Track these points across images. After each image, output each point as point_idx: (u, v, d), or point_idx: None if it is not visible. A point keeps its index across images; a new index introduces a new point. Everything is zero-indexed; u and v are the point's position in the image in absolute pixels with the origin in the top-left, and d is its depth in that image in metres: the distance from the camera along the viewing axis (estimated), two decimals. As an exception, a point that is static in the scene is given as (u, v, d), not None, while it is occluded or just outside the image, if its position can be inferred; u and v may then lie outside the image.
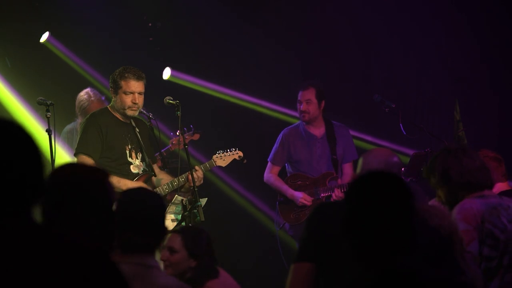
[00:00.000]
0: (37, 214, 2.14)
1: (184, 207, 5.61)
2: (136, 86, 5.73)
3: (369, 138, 8.01)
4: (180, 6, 8.51)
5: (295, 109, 7.14)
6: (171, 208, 5.79)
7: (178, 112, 5.80)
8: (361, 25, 8.35)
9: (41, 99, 5.96)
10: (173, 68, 7.82)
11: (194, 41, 8.55)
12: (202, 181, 5.88)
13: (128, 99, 5.71)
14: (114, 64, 8.15)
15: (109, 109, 5.87)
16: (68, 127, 7.03)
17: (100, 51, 8.26)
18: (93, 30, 8.17)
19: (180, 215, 5.68)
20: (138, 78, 5.75)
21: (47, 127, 5.79)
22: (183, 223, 5.62)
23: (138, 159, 5.83)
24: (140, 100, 5.75)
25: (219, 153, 6.14)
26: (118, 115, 5.81)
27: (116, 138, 5.76)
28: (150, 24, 8.61)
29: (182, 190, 5.77)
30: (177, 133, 6.56)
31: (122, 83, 5.72)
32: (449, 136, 7.03)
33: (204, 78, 8.51)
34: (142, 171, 5.84)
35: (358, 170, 3.53)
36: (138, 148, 5.84)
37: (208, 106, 8.44)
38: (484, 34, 7.92)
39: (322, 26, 8.36)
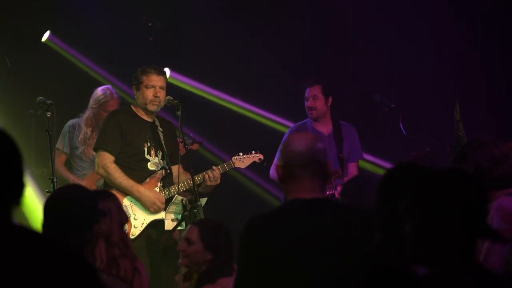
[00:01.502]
0: None
1: (184, 207, 5.61)
2: (157, 80, 5.85)
3: (369, 158, 8.00)
4: (180, 6, 8.51)
5: (291, 115, 7.12)
6: (171, 208, 5.80)
7: (178, 112, 5.81)
8: (361, 25, 8.35)
9: (41, 99, 5.97)
10: (172, 68, 7.82)
11: (194, 41, 8.55)
12: (218, 181, 5.89)
13: (149, 93, 5.82)
14: (114, 64, 8.20)
15: (132, 107, 5.98)
16: (72, 121, 7.04)
17: (100, 51, 8.26)
18: (93, 30, 8.17)
19: (180, 215, 5.68)
20: (159, 73, 5.89)
21: (47, 127, 5.80)
22: (183, 223, 5.62)
23: (158, 156, 5.89)
24: (161, 94, 5.86)
25: (239, 155, 6.14)
26: (140, 113, 5.91)
27: (135, 135, 5.85)
28: (150, 24, 8.61)
29: (200, 189, 5.77)
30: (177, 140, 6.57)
31: (144, 77, 5.85)
32: (449, 136, 7.02)
33: (202, 79, 8.51)
34: (160, 168, 5.87)
35: (280, 158, 3.23)
36: (158, 147, 5.90)
37: (204, 108, 8.44)
38: (484, 34, 7.92)
39: (322, 26, 8.36)
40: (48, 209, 3.20)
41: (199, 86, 8.51)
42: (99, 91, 6.97)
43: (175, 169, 5.92)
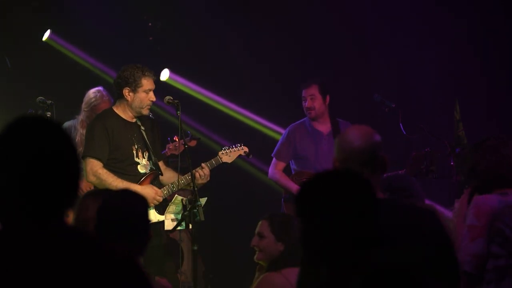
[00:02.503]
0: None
1: (184, 207, 5.60)
2: (153, 84, 5.80)
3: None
4: (180, 6, 8.51)
5: (295, 115, 7.11)
6: (171, 208, 5.79)
7: (178, 112, 5.79)
8: (361, 25, 8.35)
9: (41, 99, 5.97)
10: (172, 68, 7.81)
11: (194, 41, 8.55)
12: (209, 178, 5.87)
13: (147, 98, 5.75)
14: (113, 63, 8.19)
15: (114, 109, 5.86)
16: (67, 123, 7.04)
17: (99, 51, 8.26)
18: (93, 30, 8.17)
19: (180, 215, 5.68)
20: (154, 76, 5.85)
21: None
22: (183, 223, 5.62)
23: (145, 158, 5.84)
24: (154, 98, 5.82)
25: (224, 149, 6.12)
26: (123, 115, 5.82)
27: (123, 138, 5.78)
28: (150, 24, 8.61)
29: (190, 188, 5.76)
30: (174, 139, 6.55)
31: (144, 81, 5.73)
32: (449, 136, 7.02)
33: (201, 80, 8.50)
34: (149, 170, 5.85)
35: (338, 153, 3.08)
36: (144, 147, 5.85)
37: (201, 109, 8.44)
38: (484, 34, 7.91)
39: (322, 26, 8.35)
40: (103, 217, 3.11)
41: (196, 88, 8.49)
42: (90, 93, 6.95)
43: (160, 165, 5.91)
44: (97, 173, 5.69)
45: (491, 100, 7.90)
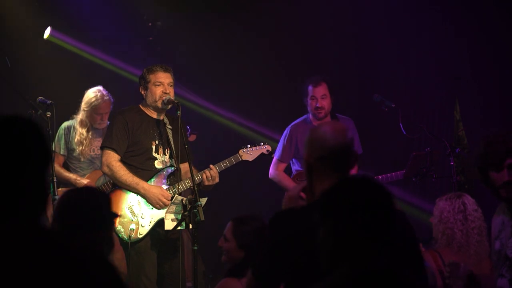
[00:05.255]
0: None
1: (184, 207, 5.60)
2: (164, 76, 5.87)
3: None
4: (181, 6, 8.52)
5: (296, 115, 7.10)
6: (171, 208, 5.79)
7: (178, 112, 5.80)
8: (361, 25, 8.36)
9: (41, 99, 5.97)
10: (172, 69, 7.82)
11: (194, 41, 8.56)
12: (217, 180, 5.88)
13: (158, 90, 5.84)
14: (114, 63, 8.19)
15: (140, 106, 5.97)
16: (66, 123, 7.08)
17: (99, 51, 8.26)
18: (93, 30, 8.17)
19: (180, 215, 5.68)
20: (165, 70, 5.91)
21: (47, 127, 5.80)
22: (183, 223, 5.62)
23: (166, 155, 5.90)
24: (171, 91, 5.87)
25: (246, 147, 6.13)
26: (149, 112, 5.92)
27: (143, 133, 5.86)
28: (150, 24, 8.61)
29: (200, 187, 5.75)
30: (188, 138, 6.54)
31: (151, 76, 5.86)
32: (449, 136, 7.03)
33: (201, 82, 8.51)
34: (167, 167, 5.88)
35: (309, 148, 2.97)
36: (166, 144, 5.90)
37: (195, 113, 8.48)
38: (484, 34, 7.92)
39: (322, 26, 8.36)
40: (60, 213, 3.17)
41: (190, 97, 8.49)
42: (90, 93, 6.97)
43: (183, 167, 5.92)
44: (110, 164, 5.78)
45: (491, 100, 7.90)
